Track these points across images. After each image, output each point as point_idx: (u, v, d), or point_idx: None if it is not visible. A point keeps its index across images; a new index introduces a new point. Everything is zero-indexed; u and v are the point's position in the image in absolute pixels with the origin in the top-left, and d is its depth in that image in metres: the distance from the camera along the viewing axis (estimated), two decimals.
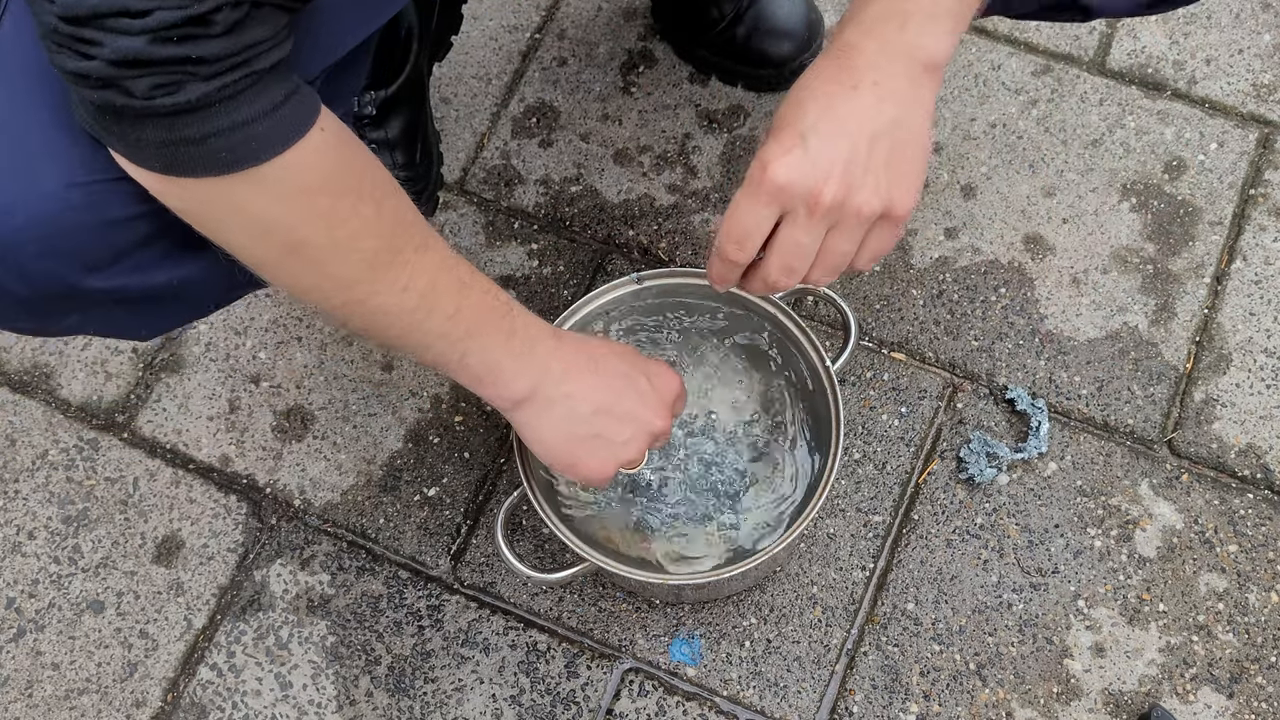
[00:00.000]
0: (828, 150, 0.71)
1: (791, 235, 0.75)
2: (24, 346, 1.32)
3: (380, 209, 0.74)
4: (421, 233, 0.79)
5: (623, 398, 0.90)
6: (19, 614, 1.20)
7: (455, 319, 0.81)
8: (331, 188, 0.70)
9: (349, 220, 0.72)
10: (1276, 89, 1.38)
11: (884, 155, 0.72)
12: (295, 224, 0.70)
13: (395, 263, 0.76)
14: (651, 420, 0.91)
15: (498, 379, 0.85)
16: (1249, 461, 1.20)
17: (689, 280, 1.08)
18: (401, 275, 0.77)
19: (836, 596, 1.17)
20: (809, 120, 0.71)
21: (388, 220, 0.75)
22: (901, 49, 0.71)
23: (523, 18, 1.47)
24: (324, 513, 1.23)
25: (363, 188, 0.73)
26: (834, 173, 0.71)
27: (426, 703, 1.14)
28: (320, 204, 0.70)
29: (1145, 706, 1.11)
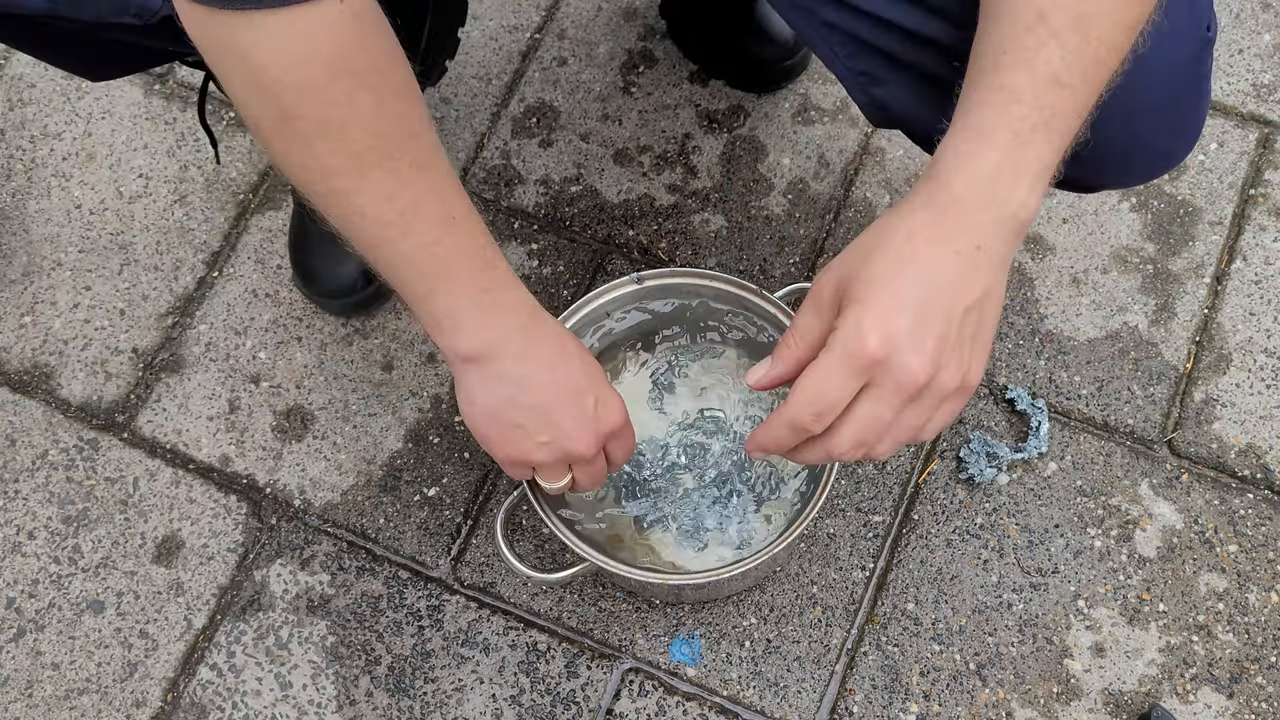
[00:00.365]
0: (929, 327, 0.66)
1: (874, 410, 0.69)
2: (24, 346, 1.32)
3: (382, 106, 0.71)
4: (425, 150, 0.75)
5: (563, 408, 0.85)
6: (19, 614, 1.20)
7: (430, 250, 0.77)
8: (334, 65, 0.68)
9: (344, 105, 0.70)
10: (1276, 89, 1.38)
11: (973, 328, 0.69)
12: (290, 90, 0.68)
13: (384, 166, 0.73)
14: (576, 441, 0.86)
15: (456, 329, 0.81)
16: (1249, 461, 1.20)
17: (689, 280, 1.08)
18: (387, 182, 0.73)
19: (836, 596, 1.17)
20: (910, 289, 0.66)
21: (387, 121, 0.72)
22: (1009, 211, 0.68)
23: (523, 18, 1.47)
24: (324, 513, 1.23)
25: (369, 77, 0.70)
26: (929, 350, 0.67)
27: (426, 703, 1.14)
28: (318, 76, 0.68)
29: (1145, 706, 1.11)
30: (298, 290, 1.32)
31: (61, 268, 1.36)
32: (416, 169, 0.74)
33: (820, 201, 1.34)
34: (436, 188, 0.76)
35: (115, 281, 1.35)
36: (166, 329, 1.32)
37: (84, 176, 1.41)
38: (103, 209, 1.39)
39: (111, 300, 1.34)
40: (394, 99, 0.72)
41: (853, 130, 1.38)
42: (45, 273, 1.36)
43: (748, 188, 1.36)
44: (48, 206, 1.39)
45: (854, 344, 0.66)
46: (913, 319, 0.66)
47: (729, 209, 1.34)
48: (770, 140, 1.38)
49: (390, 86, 0.71)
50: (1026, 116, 0.67)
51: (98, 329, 1.33)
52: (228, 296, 1.34)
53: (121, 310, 1.33)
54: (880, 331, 0.66)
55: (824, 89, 1.40)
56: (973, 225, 0.67)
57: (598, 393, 0.87)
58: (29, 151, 1.43)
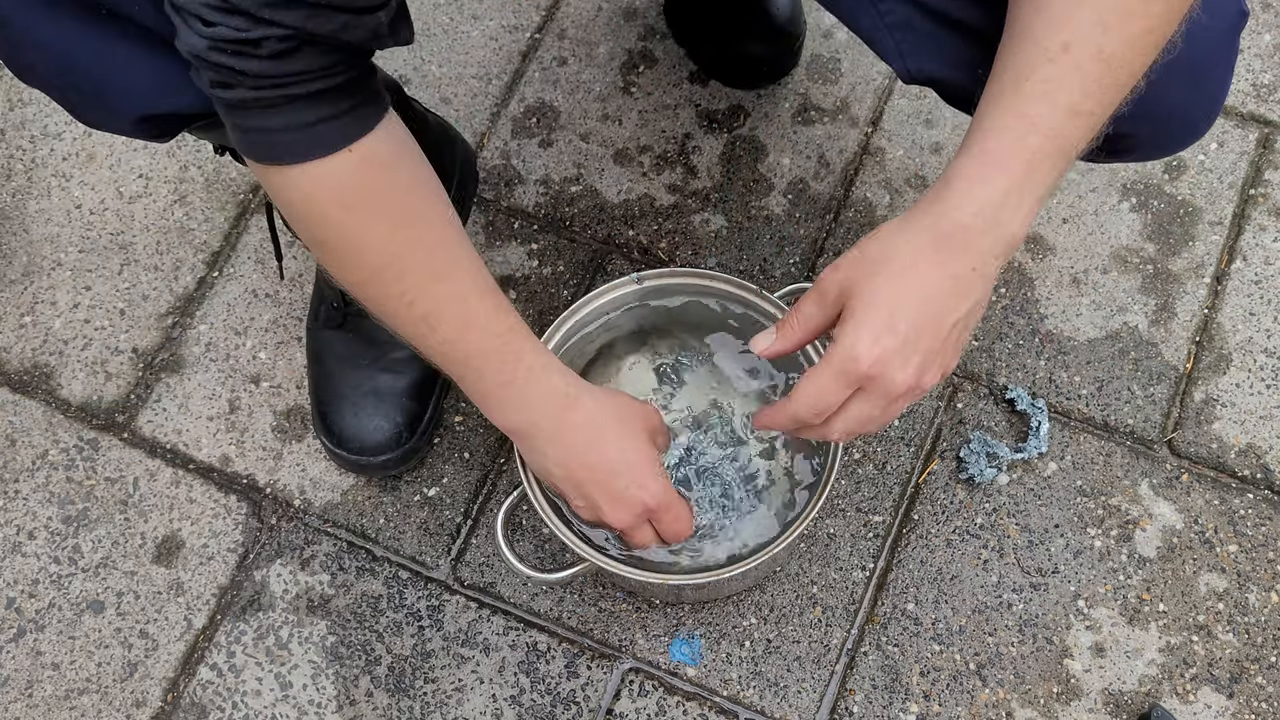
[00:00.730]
0: (918, 343, 0.73)
1: (864, 410, 0.78)
2: (24, 346, 1.32)
3: (394, 233, 0.82)
4: (443, 262, 0.86)
5: (596, 487, 0.94)
6: (19, 614, 1.20)
7: (454, 347, 0.88)
8: (346, 200, 0.80)
9: (356, 235, 0.82)
10: (1276, 89, 1.38)
11: (956, 336, 0.76)
12: (314, 220, 0.82)
13: (401, 281, 0.84)
14: (610, 517, 0.96)
15: (489, 411, 0.93)
16: (1249, 461, 1.20)
17: (689, 280, 1.08)
18: (407, 292, 0.85)
19: (836, 596, 1.17)
20: (904, 311, 0.72)
21: (400, 244, 0.83)
22: (1009, 232, 0.72)
23: (523, 18, 1.47)
24: (324, 513, 1.23)
25: (380, 209, 0.82)
26: (915, 364, 0.74)
27: (426, 703, 1.15)
28: (332, 214, 0.80)
29: (1145, 706, 1.11)
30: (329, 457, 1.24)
31: (61, 268, 1.36)
32: (433, 279, 0.85)
33: (820, 201, 1.34)
34: (455, 294, 0.86)
35: (115, 281, 1.35)
36: (166, 329, 1.32)
37: (84, 176, 1.41)
38: (103, 209, 1.39)
39: (111, 300, 1.34)
40: (405, 226, 0.83)
41: (853, 130, 1.38)
42: (45, 273, 1.36)
43: (748, 188, 1.36)
44: (48, 206, 1.39)
45: (850, 363, 0.74)
46: (903, 339, 0.73)
47: (729, 209, 1.34)
48: (770, 140, 1.38)
49: (402, 215, 0.83)
50: (1041, 147, 0.70)
51: (98, 329, 1.33)
52: (228, 296, 1.34)
53: (121, 310, 1.33)
54: (873, 353, 0.73)
55: (824, 89, 1.40)
56: (973, 249, 0.72)
57: (632, 476, 0.94)
58: (29, 151, 1.43)
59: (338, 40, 0.73)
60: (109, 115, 0.88)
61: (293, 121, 0.76)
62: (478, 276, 0.88)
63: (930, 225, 0.72)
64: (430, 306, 0.86)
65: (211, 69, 0.73)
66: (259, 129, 0.76)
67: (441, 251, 0.86)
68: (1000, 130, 0.70)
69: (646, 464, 0.95)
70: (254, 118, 0.76)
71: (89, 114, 0.89)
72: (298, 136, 0.76)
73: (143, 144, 1.42)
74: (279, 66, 0.72)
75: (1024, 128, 0.70)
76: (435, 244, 0.86)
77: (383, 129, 0.81)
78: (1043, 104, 0.70)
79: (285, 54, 0.72)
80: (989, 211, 0.71)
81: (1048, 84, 0.70)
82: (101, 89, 0.85)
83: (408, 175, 0.84)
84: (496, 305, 0.89)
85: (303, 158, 0.77)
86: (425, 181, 0.86)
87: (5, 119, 1.45)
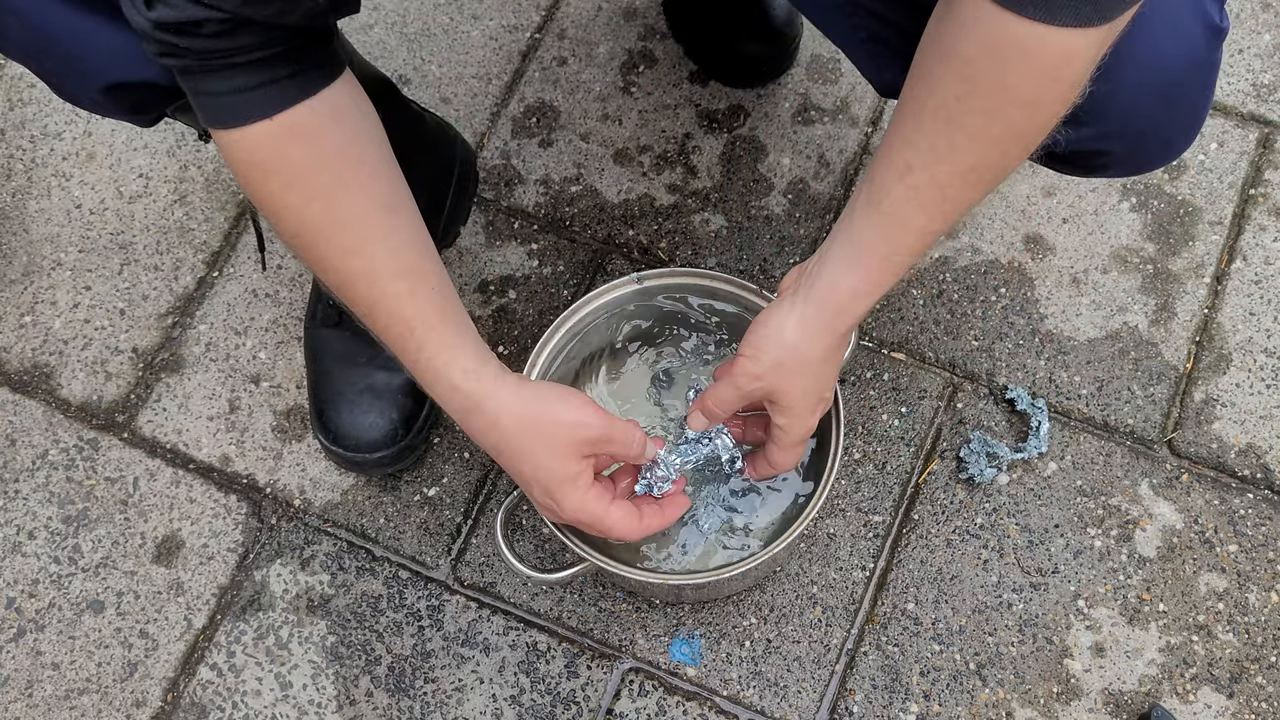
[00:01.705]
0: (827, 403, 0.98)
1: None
2: (24, 346, 1.32)
3: (308, 204, 0.84)
4: (355, 239, 0.86)
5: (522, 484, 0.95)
6: (19, 614, 1.20)
7: (366, 322, 0.90)
8: (264, 168, 0.83)
9: (274, 201, 0.85)
10: (1276, 89, 1.38)
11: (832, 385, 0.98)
12: (244, 185, 0.85)
13: (315, 250, 0.87)
14: (544, 511, 0.96)
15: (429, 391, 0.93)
16: (1249, 461, 1.20)
17: (689, 280, 1.08)
18: (319, 261, 0.87)
19: (836, 596, 1.17)
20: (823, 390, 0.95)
21: (313, 215, 0.85)
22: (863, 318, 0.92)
23: (523, 18, 1.47)
24: (324, 513, 1.23)
25: (295, 180, 0.84)
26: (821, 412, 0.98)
27: (426, 703, 1.15)
28: (253, 178, 0.84)
29: (1145, 706, 1.11)
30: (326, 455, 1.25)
31: (61, 268, 1.36)
32: (342, 255, 0.86)
33: (820, 201, 1.34)
34: (363, 272, 0.87)
35: (115, 281, 1.35)
36: (166, 329, 1.32)
37: (84, 176, 1.41)
38: (103, 209, 1.39)
39: (111, 300, 1.34)
40: (320, 199, 0.84)
41: (853, 130, 1.38)
42: (45, 273, 1.36)
43: (748, 188, 1.36)
44: (48, 206, 1.39)
45: (806, 433, 0.97)
46: (828, 397, 0.97)
47: (729, 209, 1.34)
48: (770, 140, 1.38)
49: (318, 187, 0.84)
50: (903, 261, 0.86)
51: (98, 329, 1.33)
52: (228, 296, 1.34)
53: (121, 310, 1.33)
54: (816, 420, 0.97)
55: (824, 89, 1.40)
56: (853, 330, 0.95)
57: (543, 489, 0.92)
58: (29, 151, 1.43)
59: (275, 23, 0.76)
60: (82, 83, 0.90)
61: (235, 85, 0.79)
62: (393, 257, 0.87)
63: (828, 330, 0.89)
64: (341, 280, 0.87)
65: (155, 44, 0.76)
66: (206, 92, 0.80)
67: (355, 227, 0.86)
68: (871, 250, 0.85)
69: (556, 478, 0.91)
70: (201, 81, 0.79)
71: (65, 83, 0.92)
72: (236, 100, 0.80)
73: (143, 143, 1.42)
74: (221, 43, 0.76)
75: (887, 249, 0.85)
76: (350, 219, 0.86)
77: (319, 99, 0.82)
78: (899, 227, 0.83)
79: (226, 33, 0.75)
80: (866, 312, 0.89)
81: (897, 205, 0.82)
82: (73, 55, 0.88)
83: (333, 146, 0.84)
84: (409, 289, 0.87)
85: (241, 121, 0.80)
86: (355, 154, 0.86)
87: (5, 119, 1.45)
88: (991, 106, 0.75)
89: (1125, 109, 0.84)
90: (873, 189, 0.84)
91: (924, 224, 0.83)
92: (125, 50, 0.86)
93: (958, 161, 0.79)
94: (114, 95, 0.91)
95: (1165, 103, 0.87)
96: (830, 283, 0.88)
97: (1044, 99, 0.75)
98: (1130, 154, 0.92)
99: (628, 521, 0.94)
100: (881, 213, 0.83)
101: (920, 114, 0.79)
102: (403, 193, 0.89)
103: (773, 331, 0.90)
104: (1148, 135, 0.90)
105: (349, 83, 0.85)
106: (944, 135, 0.78)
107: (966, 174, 0.80)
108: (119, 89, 0.90)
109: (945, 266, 1.30)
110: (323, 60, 0.83)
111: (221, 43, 0.76)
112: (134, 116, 0.96)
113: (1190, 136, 0.93)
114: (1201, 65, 0.86)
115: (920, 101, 0.78)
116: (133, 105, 0.93)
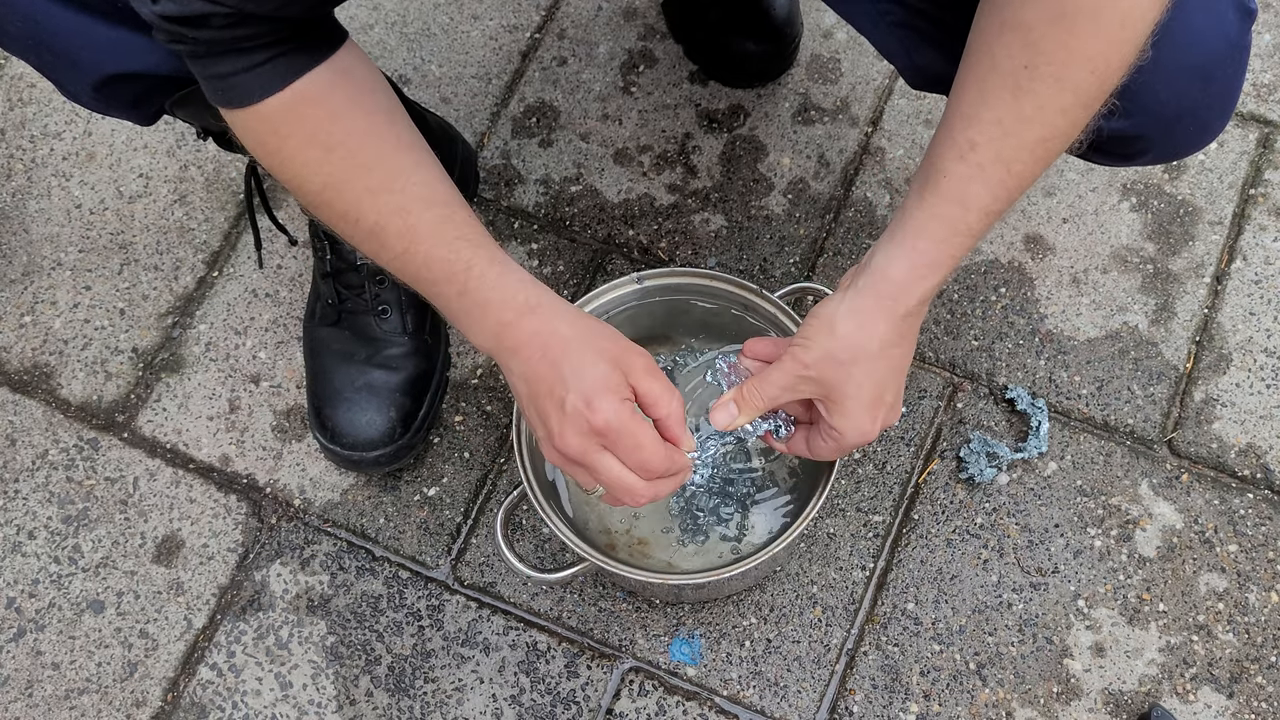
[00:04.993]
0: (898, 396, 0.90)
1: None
2: (24, 346, 1.32)
3: (329, 155, 0.84)
4: (381, 177, 0.85)
5: (544, 404, 0.86)
6: (19, 614, 1.20)
7: (406, 259, 0.87)
8: (280, 132, 0.84)
9: (295, 160, 0.85)
10: (1276, 89, 1.38)
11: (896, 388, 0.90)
12: (263, 157, 0.86)
13: (342, 199, 0.86)
14: (558, 439, 0.86)
15: (463, 331, 0.89)
16: (1249, 461, 1.20)
17: (689, 280, 1.08)
18: (350, 210, 0.86)
19: (836, 596, 1.17)
20: (888, 387, 0.88)
21: (335, 164, 0.85)
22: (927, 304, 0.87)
23: (523, 18, 1.47)
24: (324, 513, 1.23)
25: (312, 135, 0.84)
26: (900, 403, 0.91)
27: (426, 703, 1.15)
28: (270, 144, 0.84)
29: (1145, 706, 1.11)
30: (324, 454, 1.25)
31: (61, 268, 1.36)
32: (370, 194, 0.86)
33: (820, 201, 1.34)
34: (394, 207, 0.86)
35: (115, 281, 1.35)
36: (166, 329, 1.32)
37: (84, 176, 1.41)
38: (103, 209, 1.39)
39: (111, 300, 1.34)
40: (339, 146, 0.85)
41: (853, 130, 1.38)
42: (45, 273, 1.36)
43: (748, 187, 1.36)
44: (48, 206, 1.39)
45: (862, 440, 0.89)
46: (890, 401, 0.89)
47: (729, 209, 1.34)
48: (770, 140, 1.38)
49: (336, 137, 0.85)
50: (963, 244, 0.82)
51: (98, 329, 1.33)
52: (228, 296, 1.34)
53: (121, 310, 1.33)
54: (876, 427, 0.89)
55: (824, 89, 1.40)
56: (918, 320, 0.87)
57: (581, 392, 0.84)
58: (29, 151, 1.43)
59: (279, 16, 0.78)
60: (79, 74, 0.91)
61: (243, 65, 0.80)
62: (424, 188, 0.87)
63: (885, 318, 0.84)
64: (374, 220, 0.86)
65: (164, 33, 0.78)
66: (216, 75, 0.81)
67: (380, 166, 0.86)
68: (928, 233, 0.82)
69: (600, 384, 0.84)
70: (209, 65, 0.81)
71: (64, 76, 0.92)
72: (247, 78, 0.81)
73: (143, 143, 1.42)
74: (226, 34, 0.77)
75: (945, 231, 0.82)
76: (372, 160, 0.86)
77: (326, 64, 0.84)
78: (958, 206, 0.81)
79: (231, 25, 0.77)
80: (928, 297, 0.85)
81: (959, 183, 0.80)
82: (70, 46, 0.88)
83: (345, 99, 0.85)
84: (444, 215, 0.86)
85: (254, 98, 0.82)
86: (369, 104, 0.87)
87: (5, 119, 1.45)
88: (1061, 73, 0.74)
89: (1163, 92, 0.84)
90: (931, 172, 0.81)
91: (988, 203, 0.80)
92: (120, 42, 0.87)
93: (1025, 134, 0.77)
94: (112, 89, 0.91)
95: (1202, 84, 0.87)
96: (882, 268, 0.84)
97: (1112, 61, 0.74)
98: (1168, 138, 0.92)
99: (658, 445, 0.86)
100: (940, 194, 0.81)
101: (984, 89, 0.77)
102: (420, 140, 0.89)
103: (823, 322, 0.86)
104: (1185, 118, 0.90)
105: (351, 47, 0.87)
106: (1012, 108, 0.76)
107: (1034, 146, 0.78)
108: (116, 81, 0.91)
109: None
110: (326, 31, 0.85)
111: (227, 33, 0.77)
112: (133, 112, 0.96)
113: (1224, 119, 0.93)
114: (1235, 46, 0.87)
115: (983, 77, 0.77)
116: (132, 99, 0.94)
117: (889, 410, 0.89)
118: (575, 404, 0.84)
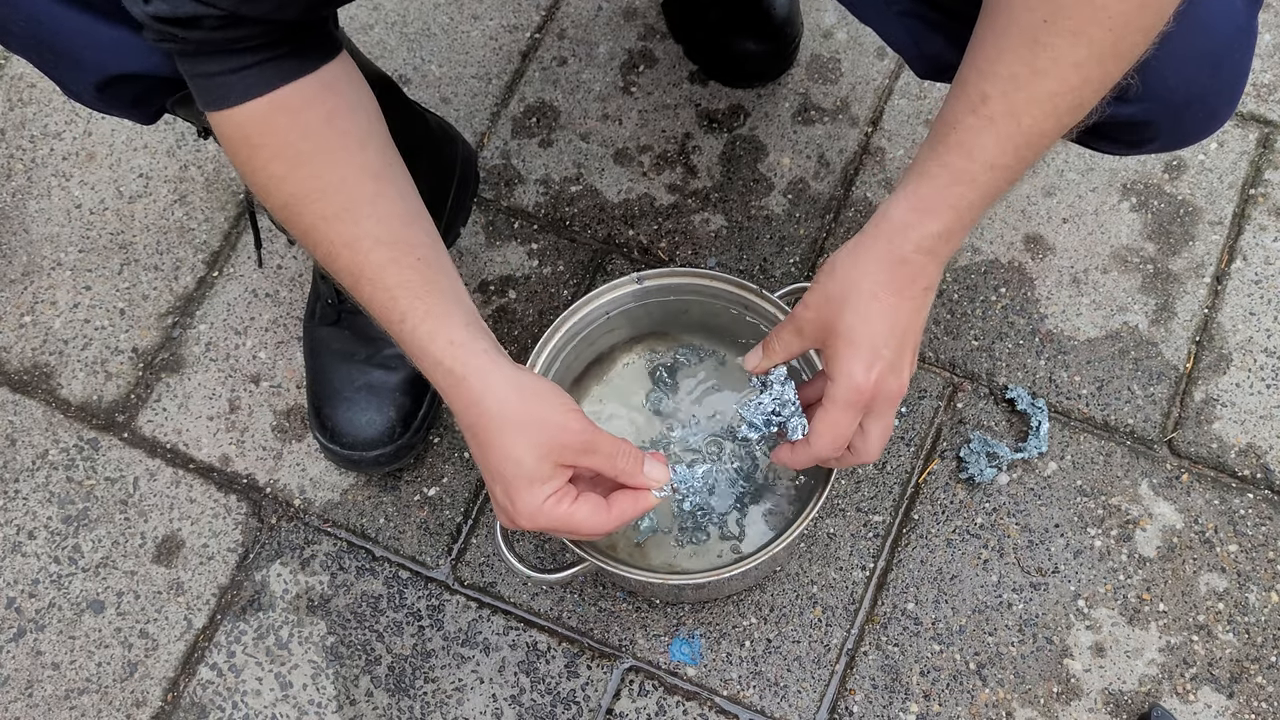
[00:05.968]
0: (900, 358, 0.84)
1: (881, 425, 0.87)
2: (24, 346, 1.32)
3: (292, 172, 0.85)
4: (339, 204, 0.86)
5: (488, 482, 0.87)
6: (19, 614, 1.20)
7: (354, 291, 0.88)
8: (252, 141, 0.84)
9: (261, 171, 0.86)
10: (1276, 89, 1.38)
11: (915, 341, 0.86)
12: (235, 161, 0.87)
13: (300, 219, 0.87)
14: (500, 515, 0.87)
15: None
16: (1249, 461, 1.20)
17: (689, 280, 1.08)
18: (307, 232, 0.87)
19: (836, 596, 1.17)
20: (881, 338, 0.83)
21: (297, 182, 0.86)
22: (943, 256, 0.84)
23: (523, 18, 1.47)
24: (324, 513, 1.23)
25: (280, 149, 0.85)
26: (902, 369, 0.85)
27: (426, 703, 1.15)
28: (242, 152, 0.85)
29: (1145, 706, 1.11)
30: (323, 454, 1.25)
31: (61, 268, 1.36)
32: (324, 220, 0.86)
33: (820, 201, 1.34)
34: (346, 238, 0.86)
35: (115, 281, 1.35)
36: (166, 329, 1.32)
37: (84, 176, 1.41)
38: (103, 209, 1.39)
39: (111, 300, 1.34)
40: (303, 165, 0.85)
41: (853, 130, 1.38)
42: (45, 273, 1.36)
43: (748, 187, 1.36)
44: (48, 206, 1.39)
45: (854, 393, 0.83)
46: (889, 358, 0.83)
47: (729, 209, 1.34)
48: (770, 140, 1.38)
49: (302, 155, 0.85)
50: (965, 194, 0.80)
51: (98, 329, 1.33)
52: (228, 296, 1.34)
53: (121, 310, 1.34)
54: (870, 378, 0.83)
55: (824, 89, 1.40)
56: (921, 274, 0.83)
57: (505, 487, 0.84)
58: (29, 151, 1.43)
59: (273, 19, 0.78)
60: (82, 74, 0.91)
61: (230, 66, 0.81)
62: (377, 224, 0.85)
63: (880, 258, 0.83)
64: (326, 250, 0.87)
65: (154, 33, 0.79)
66: (202, 73, 0.82)
67: (339, 193, 0.85)
68: (931, 177, 0.80)
69: (523, 480, 0.83)
70: (197, 64, 0.82)
71: (66, 76, 0.93)
72: (231, 80, 0.82)
73: (143, 143, 1.42)
74: (218, 35, 0.78)
75: (949, 179, 0.80)
76: (333, 185, 0.86)
77: (312, 76, 0.84)
78: (964, 157, 0.79)
79: (223, 27, 0.77)
80: (927, 244, 0.82)
81: (969, 134, 0.78)
82: (73, 46, 0.89)
83: (320, 117, 0.85)
84: (391, 258, 0.85)
85: (236, 100, 0.83)
86: (343, 125, 0.86)
87: (5, 119, 1.45)
88: (1080, 27, 0.74)
89: (1172, 77, 0.84)
90: (941, 125, 0.80)
91: (994, 155, 0.79)
92: (123, 42, 0.87)
93: (1037, 87, 0.77)
94: (113, 89, 0.92)
95: (1211, 69, 0.87)
96: (883, 210, 0.83)
97: (1132, 21, 0.74)
98: (1176, 124, 0.91)
99: (596, 516, 0.86)
100: (948, 145, 0.80)
101: (1000, 43, 0.77)
102: (395, 165, 0.89)
103: (827, 266, 0.85)
104: (1194, 104, 0.89)
105: (344, 61, 0.87)
106: (1026, 61, 0.76)
107: (1045, 100, 0.77)
108: (119, 81, 0.91)
109: (945, 266, 1.29)
110: (319, 42, 0.85)
111: (219, 35, 0.78)
112: (135, 111, 0.97)
113: (1232, 106, 0.93)
114: (1243, 30, 0.87)
115: (1000, 31, 0.77)
116: (133, 99, 0.94)
117: (886, 367, 0.83)
118: (503, 501, 0.86)
